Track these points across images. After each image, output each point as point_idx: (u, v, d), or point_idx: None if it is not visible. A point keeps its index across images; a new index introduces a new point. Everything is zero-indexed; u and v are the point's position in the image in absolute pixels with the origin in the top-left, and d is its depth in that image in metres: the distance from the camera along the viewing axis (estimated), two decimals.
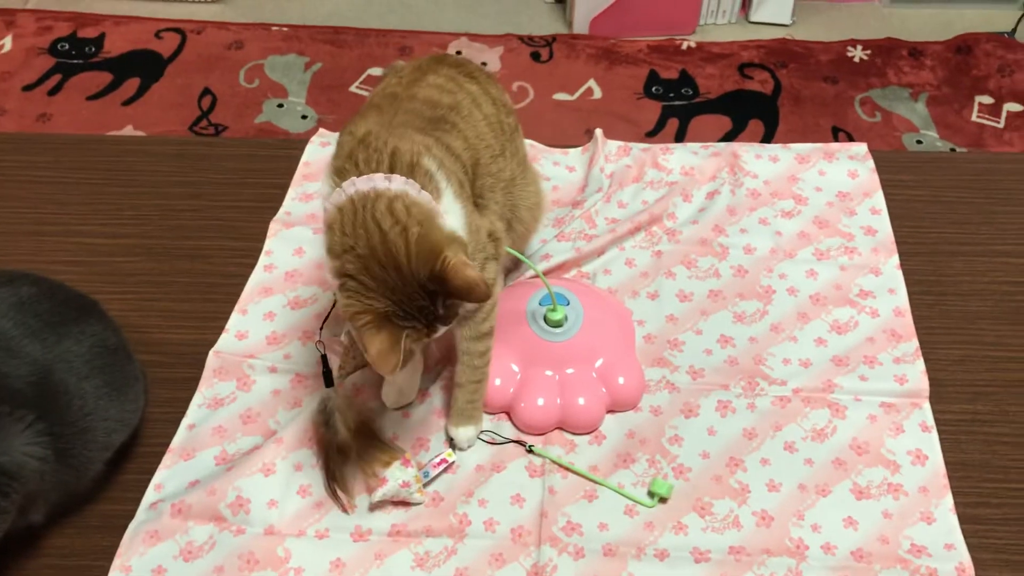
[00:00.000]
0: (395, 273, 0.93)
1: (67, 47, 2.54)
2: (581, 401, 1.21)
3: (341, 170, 1.01)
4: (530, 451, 1.19)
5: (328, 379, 1.20)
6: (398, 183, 0.97)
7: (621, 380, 1.23)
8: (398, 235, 0.93)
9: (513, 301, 1.29)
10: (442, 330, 0.99)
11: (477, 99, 1.14)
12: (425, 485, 1.15)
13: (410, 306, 0.95)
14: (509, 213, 1.20)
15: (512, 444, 1.20)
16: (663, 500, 1.14)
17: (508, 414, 1.23)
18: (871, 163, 1.54)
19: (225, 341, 1.31)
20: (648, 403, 1.24)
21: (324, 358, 1.21)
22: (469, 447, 1.20)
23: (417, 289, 0.94)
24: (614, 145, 1.58)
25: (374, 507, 1.14)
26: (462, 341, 1.14)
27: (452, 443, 1.19)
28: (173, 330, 1.33)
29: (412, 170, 0.99)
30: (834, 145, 1.58)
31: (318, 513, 1.14)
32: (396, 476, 1.13)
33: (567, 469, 1.17)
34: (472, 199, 1.09)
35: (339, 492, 1.15)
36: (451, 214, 1.01)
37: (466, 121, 1.10)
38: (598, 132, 1.58)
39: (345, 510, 1.14)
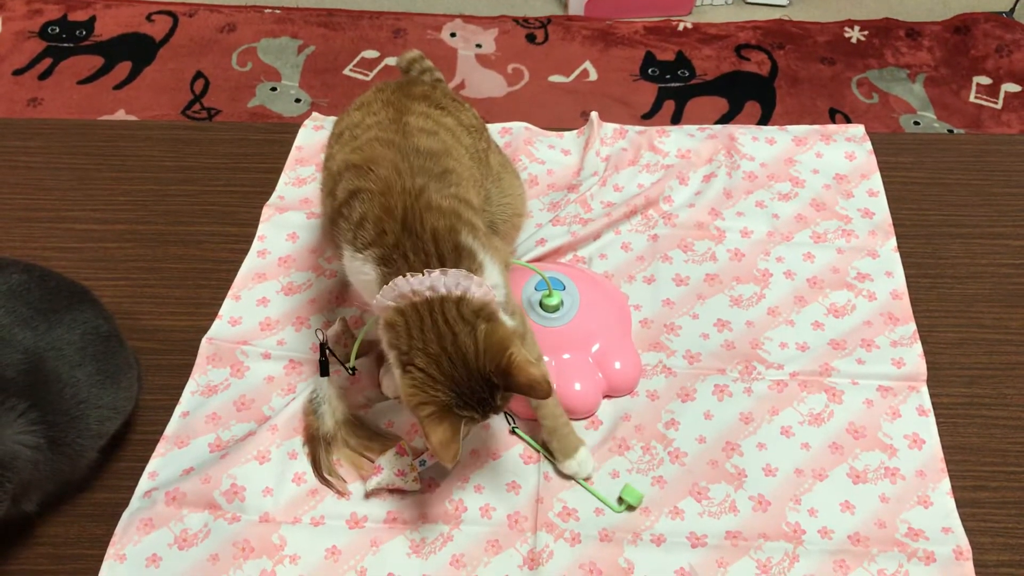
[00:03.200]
0: (463, 369, 0.97)
1: (57, 30, 2.52)
2: (577, 386, 1.20)
3: (388, 259, 1.01)
4: (513, 432, 1.18)
5: (324, 368, 1.20)
6: (455, 280, 0.99)
7: (617, 365, 1.22)
8: (467, 335, 0.98)
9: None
10: (493, 417, 1.03)
11: (456, 133, 1.15)
12: (420, 473, 1.14)
13: (471, 398, 0.98)
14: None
15: (508, 432, 1.19)
16: (631, 508, 1.13)
17: None
18: (868, 145, 1.53)
19: (218, 327, 1.30)
20: (644, 388, 1.23)
21: (323, 347, 1.20)
22: (592, 468, 1.16)
23: (481, 383, 0.98)
24: (610, 128, 1.57)
25: (370, 495, 1.13)
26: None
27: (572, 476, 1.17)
28: (166, 316, 1.32)
29: (458, 253, 1.01)
30: (831, 127, 1.57)
31: (313, 500, 1.14)
32: (391, 464, 1.13)
33: (538, 450, 1.16)
34: None
35: (329, 479, 1.14)
36: (490, 275, 1.03)
37: (459, 163, 1.10)
38: (594, 115, 1.57)
39: (341, 495, 1.14)
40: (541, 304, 1.23)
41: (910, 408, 1.21)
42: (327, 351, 1.20)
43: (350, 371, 1.19)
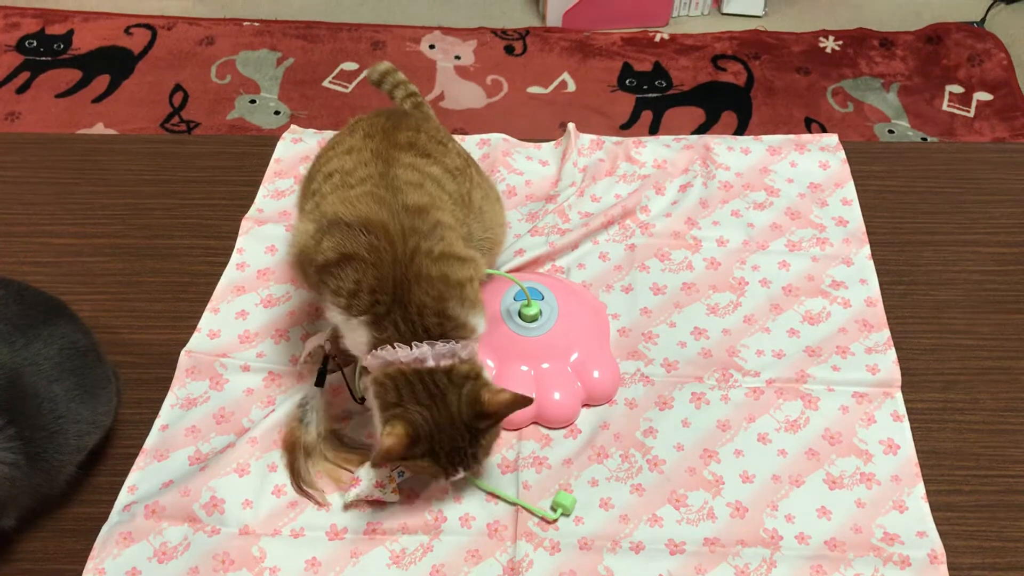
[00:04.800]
0: (447, 422, 1.05)
1: (35, 44, 2.51)
2: (557, 396, 1.21)
3: (380, 325, 1.06)
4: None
5: (320, 378, 1.20)
6: (441, 353, 1.06)
7: (596, 374, 1.23)
8: (454, 394, 1.05)
9: (487, 297, 1.29)
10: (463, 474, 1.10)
11: (441, 182, 1.16)
12: (399, 484, 1.14)
13: (444, 443, 1.06)
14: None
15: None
16: (566, 514, 1.14)
17: None
18: (842, 154, 1.55)
19: (197, 340, 1.30)
20: (623, 396, 1.24)
21: (326, 359, 1.21)
22: None
23: (462, 431, 1.06)
24: (587, 139, 1.58)
25: (349, 506, 1.13)
26: None
27: None
28: (144, 330, 1.32)
29: (445, 324, 1.06)
30: (805, 136, 1.59)
31: (293, 512, 1.14)
32: (370, 476, 1.13)
33: (489, 493, 1.16)
34: None
35: (306, 489, 1.15)
36: (478, 319, 1.10)
37: (444, 212, 1.13)
38: (571, 126, 1.58)
39: (320, 505, 1.14)
40: (520, 314, 1.24)
41: (885, 414, 1.23)
42: (330, 361, 1.21)
43: (360, 400, 1.20)
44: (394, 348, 1.05)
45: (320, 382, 1.21)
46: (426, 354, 1.05)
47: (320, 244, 1.09)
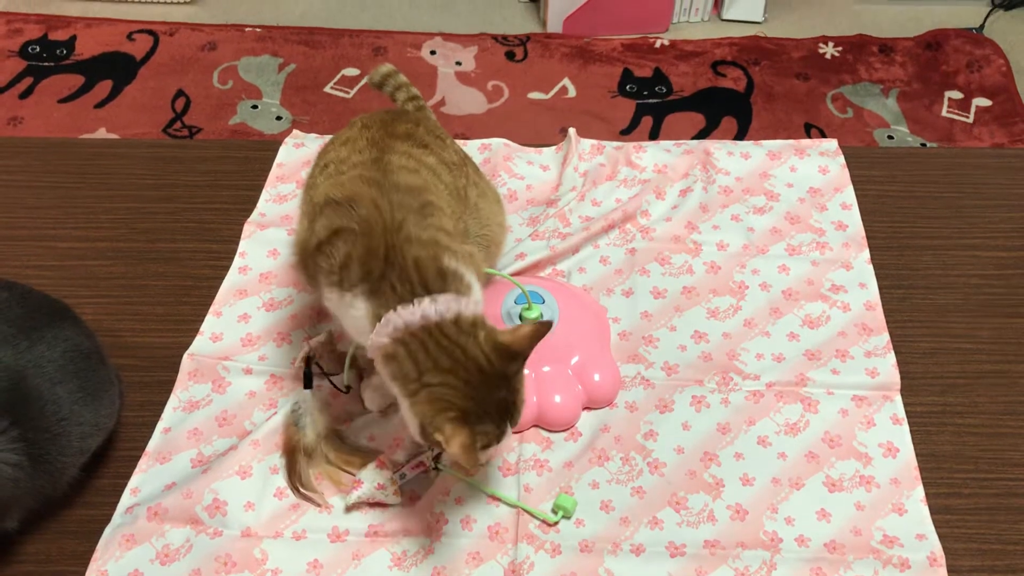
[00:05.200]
0: (477, 375, 1.00)
1: (38, 50, 2.52)
2: (557, 399, 1.21)
3: (375, 292, 1.03)
4: (436, 469, 1.18)
5: (308, 381, 1.20)
6: (445, 305, 1.01)
7: (597, 377, 1.24)
8: (474, 345, 1.01)
9: (488, 301, 1.29)
10: (510, 431, 1.05)
11: (436, 171, 1.17)
12: (400, 486, 1.15)
13: (490, 406, 1.01)
14: None
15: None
16: (567, 516, 1.14)
17: None
18: (841, 159, 1.56)
19: (199, 343, 1.31)
20: (623, 399, 1.25)
21: (309, 360, 1.21)
22: None
23: (498, 383, 1.01)
24: (587, 143, 1.59)
25: (351, 508, 1.14)
26: None
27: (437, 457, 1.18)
28: (147, 333, 1.33)
29: (443, 277, 1.03)
30: (805, 141, 1.60)
31: (295, 514, 1.14)
32: (371, 478, 1.13)
33: (491, 496, 1.17)
34: None
35: (305, 492, 1.15)
36: (476, 292, 1.07)
37: (439, 197, 1.13)
38: (571, 131, 1.59)
39: (320, 507, 1.15)
40: (521, 317, 1.24)
41: (884, 417, 1.23)
42: (314, 364, 1.21)
43: (345, 389, 1.20)
44: (396, 312, 1.01)
45: (308, 384, 1.21)
46: (429, 308, 1.00)
47: (313, 228, 1.09)
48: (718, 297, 1.36)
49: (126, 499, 1.16)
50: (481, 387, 1.01)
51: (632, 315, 1.34)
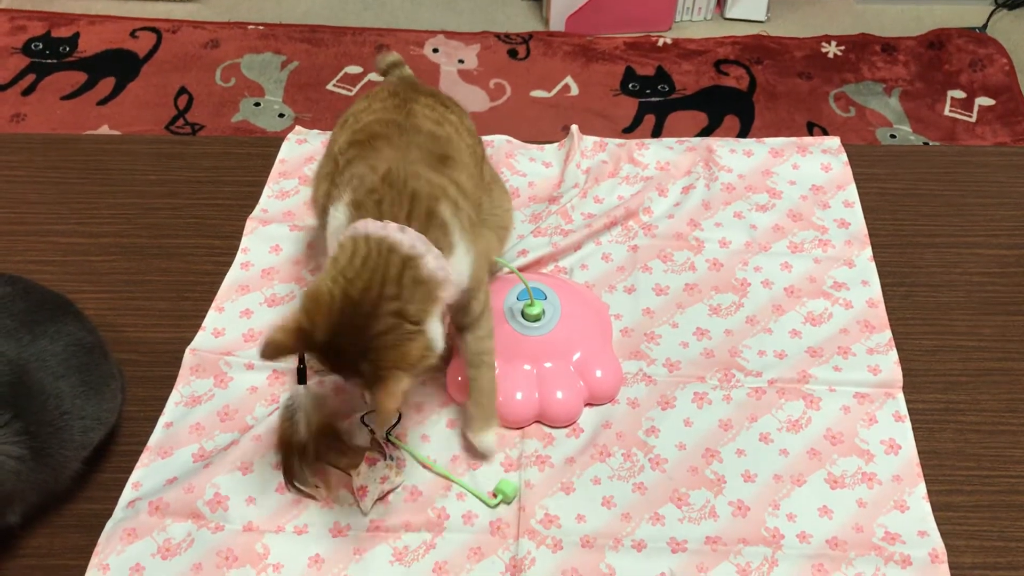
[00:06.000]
0: (350, 321, 0.94)
1: (41, 47, 2.53)
2: (559, 395, 1.21)
3: (360, 204, 1.01)
4: (388, 440, 1.19)
5: (301, 376, 1.20)
6: (411, 239, 0.97)
7: (598, 373, 1.24)
8: (389, 312, 0.95)
9: (491, 295, 1.29)
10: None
11: (459, 129, 1.17)
12: (390, 438, 1.15)
13: (327, 351, 0.96)
14: None
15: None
16: (507, 501, 1.14)
17: None
18: (844, 157, 1.56)
19: (201, 339, 1.31)
20: (625, 395, 1.25)
21: (302, 355, 1.21)
22: (494, 450, 1.18)
23: (352, 346, 0.94)
24: (590, 140, 1.59)
25: (370, 511, 1.13)
26: (469, 344, 1.16)
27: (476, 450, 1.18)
28: (149, 329, 1.33)
29: (429, 218, 1.00)
30: (807, 139, 1.59)
31: (296, 509, 1.14)
32: (371, 477, 1.13)
33: (426, 466, 1.18)
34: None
35: (301, 488, 1.15)
36: (459, 261, 1.03)
37: (460, 154, 1.12)
38: (574, 128, 1.59)
39: (320, 501, 1.14)
40: (523, 313, 1.24)
41: (886, 414, 1.23)
42: (304, 358, 1.21)
43: (302, 381, 1.18)
44: (368, 221, 0.98)
45: (301, 380, 1.19)
46: (395, 233, 0.97)
47: (332, 176, 1.10)
48: (720, 294, 1.36)
49: (127, 493, 1.16)
50: (341, 332, 0.94)
51: (634, 312, 1.34)
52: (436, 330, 0.99)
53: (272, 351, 0.96)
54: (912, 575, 1.08)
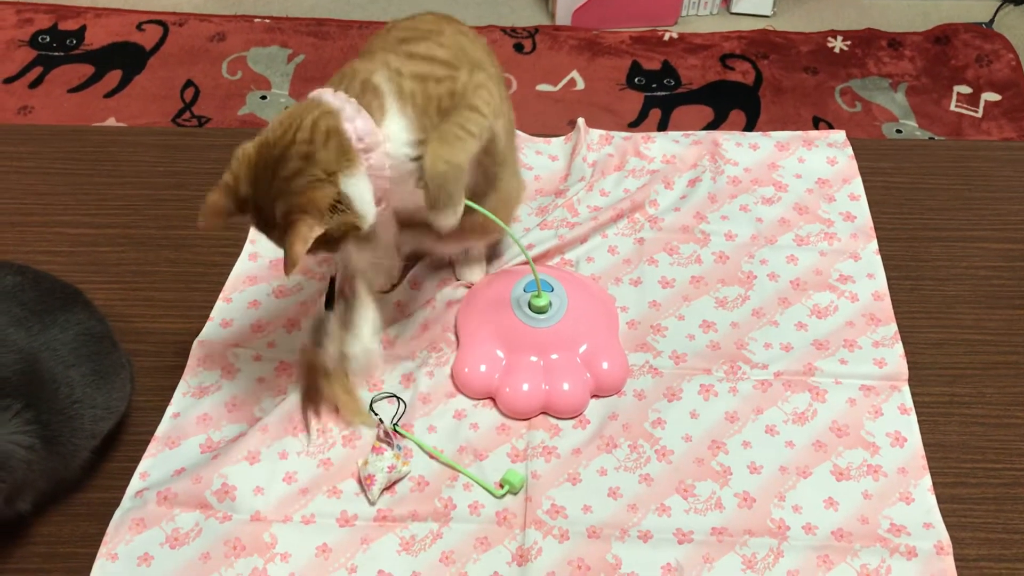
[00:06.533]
0: (264, 168, 1.02)
1: (48, 39, 2.53)
2: (566, 386, 1.22)
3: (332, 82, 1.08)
4: (395, 430, 1.20)
5: (329, 302, 1.20)
6: (340, 100, 1.02)
7: (605, 365, 1.24)
8: (298, 155, 1.00)
9: (498, 287, 1.30)
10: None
11: (467, 35, 1.19)
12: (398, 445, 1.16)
13: (250, 204, 1.04)
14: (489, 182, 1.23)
15: (495, 429, 1.21)
16: (513, 492, 1.15)
17: (493, 399, 1.24)
18: (849, 150, 1.56)
19: (210, 329, 1.32)
20: (632, 387, 1.25)
21: (332, 280, 1.22)
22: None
23: (267, 194, 1.01)
24: (596, 134, 1.59)
25: (376, 501, 1.14)
26: None
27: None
28: (158, 319, 1.34)
29: (363, 87, 1.04)
30: (813, 133, 1.60)
31: (304, 499, 1.15)
32: (379, 466, 1.14)
33: (433, 456, 1.19)
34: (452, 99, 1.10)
35: (312, 415, 1.17)
36: (394, 125, 1.05)
37: (446, 38, 1.14)
38: (580, 121, 1.59)
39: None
40: (530, 305, 1.25)
41: (892, 407, 1.23)
42: (334, 283, 1.21)
43: (329, 307, 1.21)
44: (321, 90, 1.05)
45: (329, 305, 1.19)
46: (325, 93, 1.04)
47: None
48: (726, 287, 1.37)
49: (136, 483, 1.16)
50: (260, 185, 1.02)
51: (640, 304, 1.35)
52: (357, 190, 1.02)
53: (208, 212, 1.04)
54: (917, 567, 1.09)
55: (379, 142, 1.03)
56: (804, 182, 1.51)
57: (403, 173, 1.08)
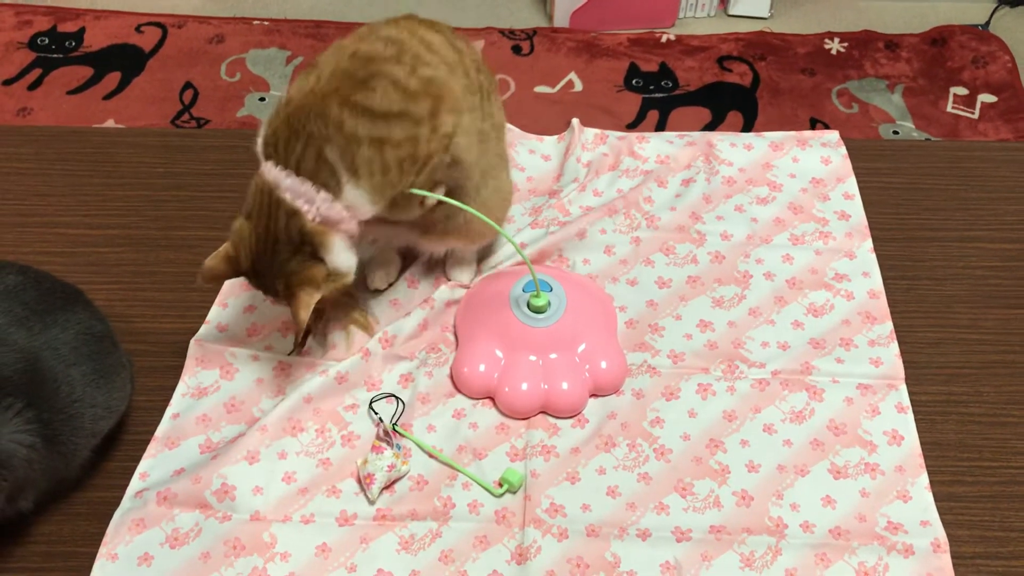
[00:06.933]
0: (261, 255, 1.12)
1: (47, 41, 2.54)
2: (565, 386, 1.22)
3: (267, 141, 1.12)
4: (394, 429, 1.20)
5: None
6: (296, 191, 1.08)
7: (604, 364, 1.25)
8: (286, 252, 1.10)
9: (496, 287, 1.31)
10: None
11: (433, 46, 1.16)
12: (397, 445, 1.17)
13: (251, 275, 1.14)
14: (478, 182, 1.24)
15: (494, 428, 1.22)
16: (512, 491, 1.15)
17: (492, 399, 1.24)
18: (843, 150, 1.57)
19: (206, 331, 1.32)
20: (630, 386, 1.26)
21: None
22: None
23: (267, 272, 1.12)
24: (591, 133, 1.60)
25: (376, 500, 1.15)
26: None
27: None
28: (158, 319, 1.34)
29: (317, 165, 1.08)
30: (807, 133, 1.60)
31: (303, 499, 1.15)
32: (379, 465, 1.14)
33: (432, 456, 1.19)
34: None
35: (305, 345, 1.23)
36: (353, 196, 1.10)
37: (401, 68, 1.12)
38: (575, 121, 1.60)
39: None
40: (529, 305, 1.25)
41: (889, 405, 1.24)
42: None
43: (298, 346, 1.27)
44: (269, 165, 1.10)
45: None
46: (284, 182, 1.08)
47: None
48: (723, 286, 1.37)
49: (135, 484, 1.17)
50: (259, 261, 1.12)
51: (638, 304, 1.35)
52: (340, 256, 1.12)
53: (207, 276, 1.14)
54: (914, 564, 1.09)
55: (343, 217, 1.10)
56: (798, 182, 1.52)
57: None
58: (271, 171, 1.09)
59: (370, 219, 1.15)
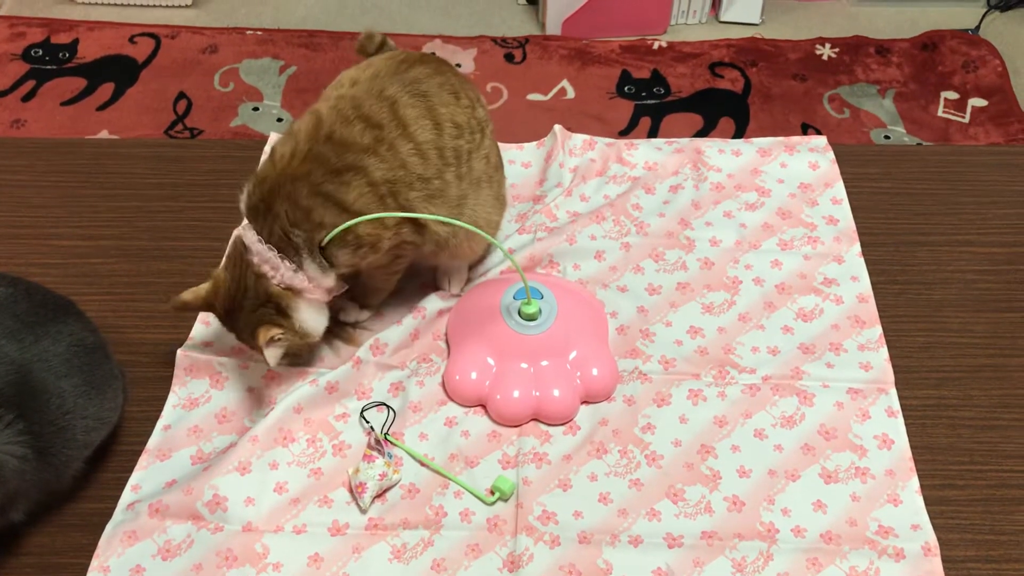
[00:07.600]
0: (232, 307, 1.19)
1: (40, 53, 2.54)
2: (556, 393, 1.23)
3: (248, 202, 1.17)
4: (386, 438, 1.21)
5: None
6: (265, 260, 1.15)
7: (595, 371, 1.25)
8: (253, 308, 1.17)
9: (487, 295, 1.31)
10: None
11: (409, 130, 1.18)
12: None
13: (224, 319, 1.21)
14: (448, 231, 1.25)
15: (486, 436, 1.22)
16: (504, 499, 1.16)
17: (484, 406, 1.24)
18: (831, 155, 1.57)
19: (193, 343, 1.32)
20: (621, 393, 1.26)
21: None
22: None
23: (238, 321, 1.20)
24: (579, 139, 1.60)
25: (368, 508, 1.15)
26: None
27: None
28: (150, 330, 1.34)
29: (283, 241, 1.14)
30: (795, 138, 1.61)
31: (295, 509, 1.15)
32: (370, 474, 1.14)
33: (424, 464, 1.20)
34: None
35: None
36: (312, 272, 1.17)
37: (382, 159, 1.16)
38: (556, 127, 1.60)
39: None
40: (520, 312, 1.26)
41: (879, 410, 1.24)
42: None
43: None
44: (244, 223, 1.17)
45: None
46: (253, 244, 1.14)
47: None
48: (712, 292, 1.38)
49: (127, 496, 1.17)
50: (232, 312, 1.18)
51: (629, 310, 1.36)
52: (306, 316, 1.19)
53: (179, 305, 1.21)
54: (905, 568, 1.10)
55: (306, 287, 1.17)
56: (787, 187, 1.52)
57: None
58: (246, 233, 1.16)
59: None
